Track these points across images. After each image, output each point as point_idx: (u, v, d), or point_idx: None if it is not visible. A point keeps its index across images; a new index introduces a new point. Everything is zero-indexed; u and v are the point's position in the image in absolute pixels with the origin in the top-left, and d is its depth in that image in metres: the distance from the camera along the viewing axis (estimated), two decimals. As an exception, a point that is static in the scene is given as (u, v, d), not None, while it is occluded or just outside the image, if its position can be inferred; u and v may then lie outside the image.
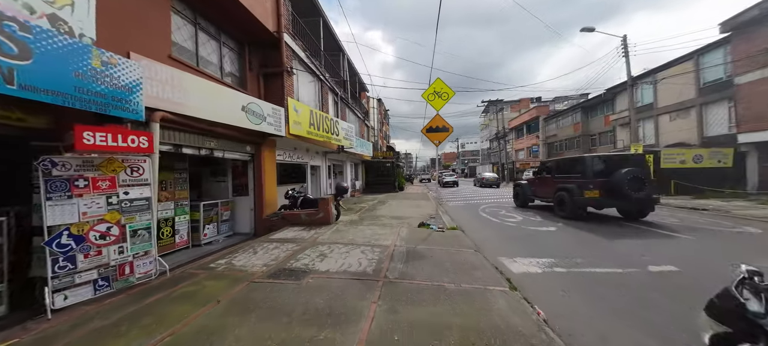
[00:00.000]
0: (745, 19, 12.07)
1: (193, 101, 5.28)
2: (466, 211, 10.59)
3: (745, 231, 6.39)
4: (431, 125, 6.77)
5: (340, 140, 10.65)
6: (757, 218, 7.63)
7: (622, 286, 3.69)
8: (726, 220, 7.62)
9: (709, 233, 6.19)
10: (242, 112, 6.40)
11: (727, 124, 13.98)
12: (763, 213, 8.23)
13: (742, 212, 8.59)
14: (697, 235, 6.04)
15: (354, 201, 13.81)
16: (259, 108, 6.82)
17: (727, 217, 7.95)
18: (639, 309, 3.11)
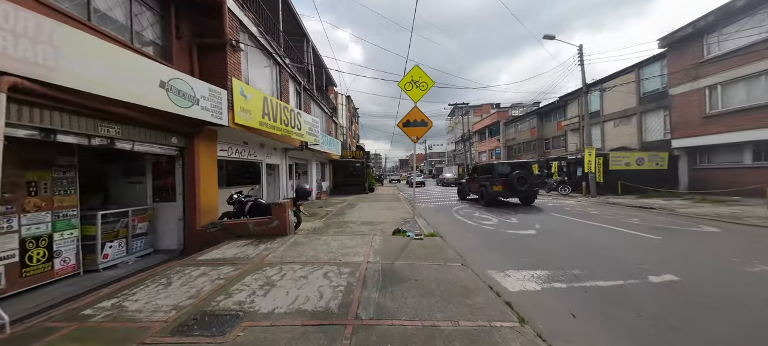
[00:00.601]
0: (680, 35, 13.46)
1: (75, 67, 3.60)
2: (440, 213, 9.93)
3: (705, 230, 6.57)
4: (408, 119, 5.84)
5: (302, 136, 9.22)
6: (704, 215, 8.12)
7: (630, 301, 3.12)
8: (680, 219, 7.97)
9: (675, 233, 6.21)
10: (162, 89, 4.76)
11: (663, 130, 15.60)
12: (705, 211, 8.86)
13: (686, 210, 9.21)
14: (666, 235, 6.00)
15: (320, 204, 12.37)
16: (189, 87, 5.21)
17: (677, 216, 8.36)
18: (667, 333, 2.49)
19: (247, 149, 8.26)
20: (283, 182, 10.57)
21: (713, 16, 12.08)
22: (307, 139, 9.66)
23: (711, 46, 12.56)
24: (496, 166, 11.35)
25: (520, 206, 11.02)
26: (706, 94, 12.77)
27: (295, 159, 12.16)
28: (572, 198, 14.00)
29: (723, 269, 3.97)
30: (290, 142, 9.34)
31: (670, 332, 2.56)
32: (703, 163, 13.55)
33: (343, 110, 23.65)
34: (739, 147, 11.96)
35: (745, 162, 11.85)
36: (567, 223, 7.37)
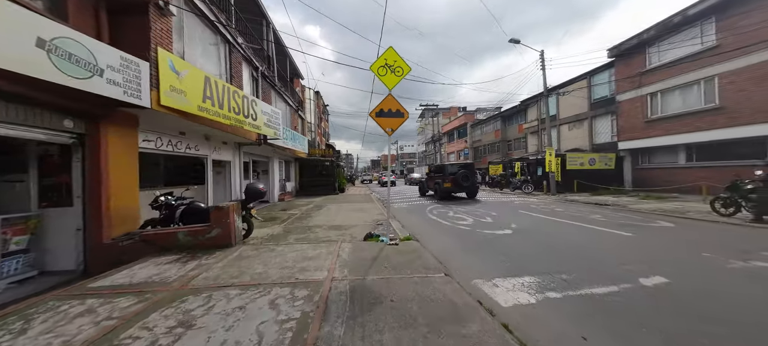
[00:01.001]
0: (626, 47, 14.74)
1: None
2: (414, 214, 9.34)
3: (662, 225, 6.83)
4: (382, 108, 5.06)
5: (259, 128, 7.94)
6: (653, 211, 8.63)
7: (633, 312, 2.74)
8: (634, 215, 8.32)
9: (640, 229, 6.32)
10: (41, 50, 3.37)
11: (611, 133, 17.05)
12: (652, 207, 9.49)
13: (636, 206, 9.82)
14: (633, 232, 6.05)
15: (282, 206, 11.04)
16: (87, 52, 3.83)
17: (631, 212, 8.79)
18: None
19: (186, 141, 6.79)
20: (236, 181, 9.10)
21: (654, 29, 13.34)
22: (266, 133, 8.38)
23: (652, 57, 13.89)
24: (446, 166, 13.55)
25: (492, 206, 10.94)
26: (648, 101, 14.09)
27: (252, 156, 10.67)
28: (535, 196, 14.50)
29: (704, 268, 3.84)
30: (244, 135, 8.00)
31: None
32: (645, 163, 14.96)
33: (312, 106, 22.17)
34: (675, 149, 13.33)
35: (679, 162, 13.24)
36: (538, 221, 7.21)
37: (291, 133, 12.30)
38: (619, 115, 15.58)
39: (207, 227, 4.64)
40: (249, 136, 8.26)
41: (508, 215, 8.13)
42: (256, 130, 7.88)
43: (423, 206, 11.02)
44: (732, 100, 10.94)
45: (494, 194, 16.51)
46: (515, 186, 16.95)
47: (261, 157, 11.90)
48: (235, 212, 4.86)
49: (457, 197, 13.45)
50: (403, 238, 5.31)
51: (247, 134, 8.13)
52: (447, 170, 12.98)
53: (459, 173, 12.36)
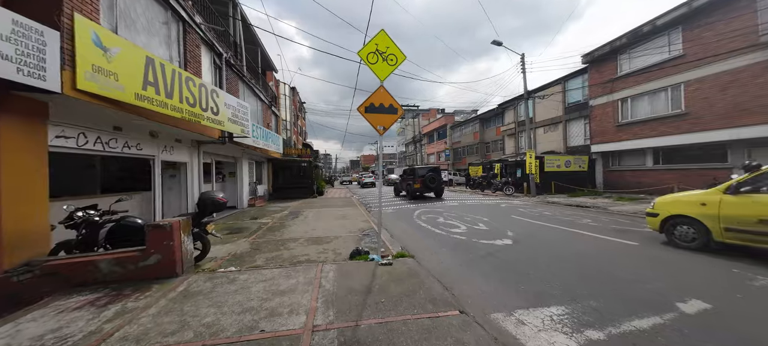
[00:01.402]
0: (599, 53, 15.37)
1: None
2: (401, 220, 8.65)
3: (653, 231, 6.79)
4: (373, 102, 4.27)
5: (222, 123, 6.74)
6: (634, 213, 8.80)
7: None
8: (620, 218, 8.39)
9: (638, 236, 6.11)
10: None
11: (584, 137, 17.80)
12: (632, 209, 9.74)
13: (616, 208, 10.04)
14: (635, 239, 5.87)
15: (253, 214, 9.78)
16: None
17: (615, 214, 8.89)
18: None
19: (124, 139, 5.45)
20: (195, 186, 7.76)
21: (625, 37, 13.97)
22: (230, 130, 7.18)
23: (623, 65, 14.56)
24: (417, 169, 14.96)
25: (480, 209, 10.62)
26: (619, 106, 14.76)
27: (215, 156, 9.30)
28: (517, 198, 14.58)
29: (734, 285, 3.52)
30: (203, 131, 6.75)
31: None
32: (615, 165, 15.70)
33: (287, 103, 20.66)
34: (643, 152, 14.07)
35: (647, 165, 13.99)
36: (533, 228, 6.85)
37: (263, 131, 11.03)
38: (592, 120, 16.23)
39: (141, 253, 3.52)
40: (210, 133, 7.01)
41: (500, 221, 7.72)
42: (218, 127, 6.68)
43: (409, 211, 10.38)
44: (696, 107, 11.66)
45: (477, 196, 16.41)
46: (497, 187, 17.02)
47: (227, 157, 10.50)
48: (183, 230, 3.78)
49: (442, 198, 14.70)
50: (396, 254, 4.57)
51: (207, 131, 6.89)
52: (417, 173, 14.48)
53: (427, 175, 14.11)
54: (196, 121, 5.85)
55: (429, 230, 6.84)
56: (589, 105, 16.28)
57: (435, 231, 6.72)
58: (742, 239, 4.13)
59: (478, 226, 7.13)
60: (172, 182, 7.75)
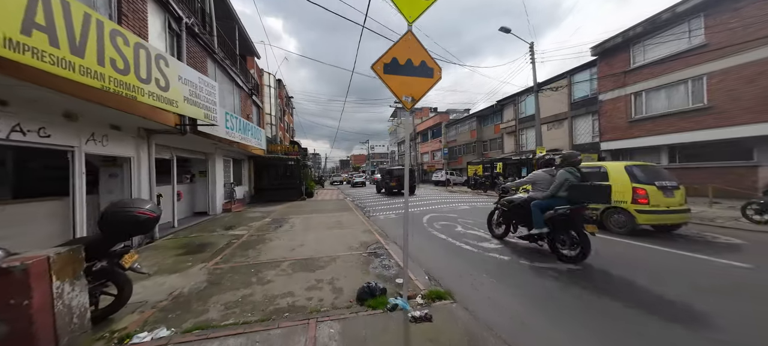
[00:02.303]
0: (610, 45, 14.45)
1: None
2: (411, 229, 7.11)
3: (731, 242, 5.59)
4: (396, 57, 2.70)
5: (174, 103, 4.94)
6: None
7: None
8: None
9: (732, 252, 4.91)
10: None
11: (591, 134, 16.90)
12: None
13: None
14: (736, 257, 4.59)
15: (227, 221, 7.95)
16: None
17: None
18: None
19: (13, 119, 3.60)
20: (142, 190, 5.88)
21: (641, 27, 13.04)
22: (188, 113, 5.38)
23: (636, 56, 13.66)
24: (393, 170, 17.74)
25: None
26: (632, 101, 13.86)
27: (176, 151, 7.42)
28: (529, 199, 13.38)
29: None
30: (150, 115, 4.93)
31: None
32: (627, 163, 14.81)
33: (272, 95, 18.66)
34: (657, 150, 13.20)
35: (662, 163, 13.12)
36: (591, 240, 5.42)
37: (241, 123, 9.20)
38: (602, 115, 15.31)
39: (-47, 328, 1.78)
40: (160, 118, 5.19)
41: None
42: (169, 109, 4.88)
43: (416, 217, 8.84)
44: (720, 100, 10.80)
45: (481, 197, 15.11)
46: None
47: (194, 153, 8.60)
48: (60, 272, 2.06)
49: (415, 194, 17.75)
50: (428, 292, 3.01)
51: (158, 115, 5.07)
52: (393, 173, 17.30)
53: (402, 175, 16.65)
54: (130, 96, 4.06)
55: (451, 244, 5.31)
56: (599, 100, 15.36)
57: (459, 245, 5.20)
58: None
59: (508, 237, 5.67)
60: (112, 183, 5.86)
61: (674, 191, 5.74)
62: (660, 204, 5.49)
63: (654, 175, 5.89)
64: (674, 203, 5.63)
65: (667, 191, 5.66)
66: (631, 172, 5.83)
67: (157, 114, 5.09)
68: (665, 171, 6.46)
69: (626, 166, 5.93)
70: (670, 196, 5.65)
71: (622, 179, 5.78)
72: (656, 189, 5.57)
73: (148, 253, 5.06)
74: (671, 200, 5.63)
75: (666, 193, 5.63)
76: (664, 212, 5.47)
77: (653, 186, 5.58)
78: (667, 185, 5.75)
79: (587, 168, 6.03)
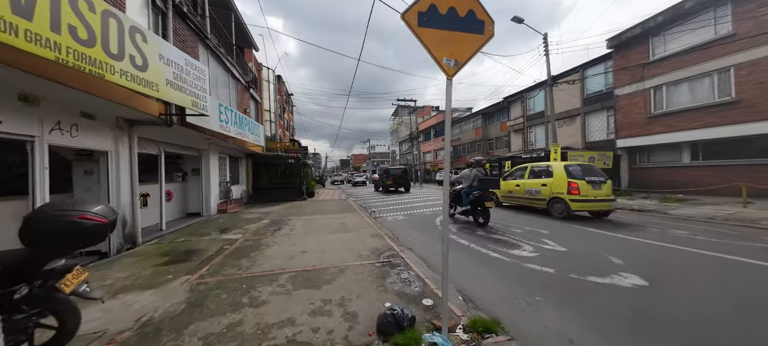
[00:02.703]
0: (628, 36, 13.73)
1: None
2: (426, 234, 6.40)
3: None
4: (434, 3, 2.00)
5: (154, 86, 4.23)
6: (709, 219, 6.95)
7: None
8: (709, 226, 6.54)
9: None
10: None
11: (606, 130, 16.18)
12: (693, 212, 7.99)
13: (676, 211, 8.25)
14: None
15: (221, 223, 7.25)
16: None
17: (693, 221, 7.01)
18: None
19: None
20: (121, 189, 5.17)
21: (662, 16, 12.33)
22: (170, 98, 4.66)
23: (656, 48, 12.95)
24: (390, 169, 19.22)
25: (523, 217, 8.52)
26: (651, 95, 13.15)
27: (164, 145, 6.71)
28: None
29: None
30: (125, 100, 4.23)
31: None
32: (643, 162, 14.11)
33: (271, 91, 17.96)
34: (677, 147, 12.50)
35: (682, 161, 12.42)
36: (636, 248, 4.70)
37: (237, 117, 8.50)
38: (618, 111, 14.59)
39: None
40: (139, 104, 4.49)
41: (571, 236, 5.57)
42: (145, 91, 4.17)
43: (427, 219, 8.13)
44: (750, 94, 10.08)
45: None
46: (513, 187, 15.06)
47: (186, 149, 7.90)
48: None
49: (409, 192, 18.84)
50: (471, 321, 2.30)
51: (136, 101, 4.37)
52: (390, 172, 18.71)
53: (397, 174, 18.47)
54: (97, 73, 3.35)
55: (477, 252, 4.60)
56: (614, 95, 14.64)
57: (487, 253, 4.48)
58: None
59: (548, 244, 4.91)
60: (88, 180, 5.16)
61: (601, 185, 7.01)
62: (589, 195, 6.81)
63: (586, 172, 7.13)
64: (601, 194, 6.93)
65: (595, 184, 6.94)
66: (568, 170, 7.14)
67: (135, 100, 4.39)
68: (596, 168, 7.63)
69: (565, 166, 7.29)
70: (597, 188, 6.93)
71: (562, 176, 7.11)
72: (586, 183, 6.86)
73: (126, 261, 4.36)
74: (598, 191, 6.92)
75: (594, 186, 6.92)
76: (592, 201, 6.80)
77: (584, 181, 6.87)
78: (595, 179, 7.01)
79: (539, 168, 8.11)
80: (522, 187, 8.48)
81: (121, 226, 5.13)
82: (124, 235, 5.14)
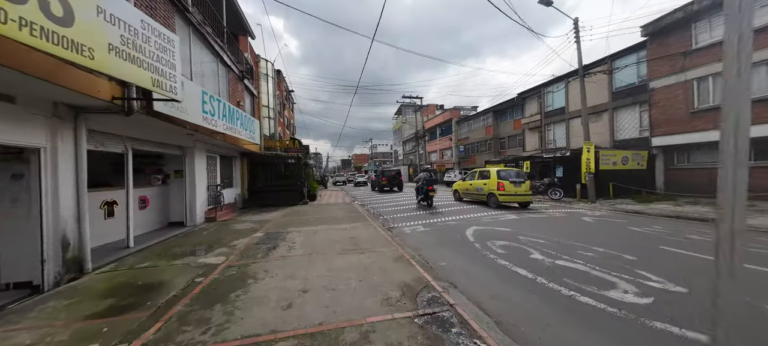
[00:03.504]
0: (667, 22, 12.34)
1: None
2: (453, 249, 5.08)
3: None
4: None
5: (93, 56, 2.92)
6: None
7: None
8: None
9: None
10: None
11: (638, 127, 14.75)
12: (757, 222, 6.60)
13: None
14: None
15: (205, 238, 5.94)
16: None
17: None
18: None
19: None
20: (64, 197, 3.86)
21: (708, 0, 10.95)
22: (116, 71, 3.33)
23: (700, 35, 11.55)
24: (385, 171, 21.57)
25: (560, 224, 7.18)
26: (694, 87, 11.76)
27: (133, 141, 5.37)
28: (570, 204, 11.31)
29: None
30: (59, 78, 2.92)
31: None
32: (682, 162, 12.71)
33: (270, 85, 16.64)
34: (724, 145, 11.10)
35: (730, 161, 11.02)
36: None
37: (227, 109, 7.19)
38: (653, 106, 13.17)
39: None
40: (75, 81, 3.17)
41: (659, 258, 4.23)
42: (71, 58, 2.84)
43: (452, 230, 6.78)
44: (824, 84, 8.72)
45: None
46: (536, 190, 13.72)
47: (164, 147, 6.57)
48: None
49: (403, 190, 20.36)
50: None
51: (63, 75, 3.05)
52: (385, 173, 20.93)
53: (391, 176, 20.52)
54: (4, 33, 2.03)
55: (554, 293, 3.23)
56: (650, 88, 13.21)
57: (571, 296, 3.13)
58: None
59: (648, 278, 3.57)
60: (16, 188, 3.84)
61: (521, 184, 10.05)
62: (511, 191, 9.91)
63: (510, 175, 10.35)
64: (520, 190, 9.96)
65: (516, 184, 10.03)
66: (499, 173, 10.37)
67: (66, 74, 3.07)
68: (518, 172, 11.08)
69: (497, 171, 10.57)
70: (518, 186, 9.98)
71: (495, 178, 10.27)
72: (510, 182, 10.00)
73: (54, 305, 3.05)
74: (519, 189, 9.95)
75: (516, 185, 10.00)
76: (513, 195, 9.94)
77: (508, 181, 10.04)
78: (516, 180, 10.17)
79: (482, 172, 11.30)
80: (473, 186, 11.59)
81: (61, 247, 3.82)
82: (64, 260, 3.83)
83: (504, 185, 9.92)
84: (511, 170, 11.19)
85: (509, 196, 9.90)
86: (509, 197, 9.90)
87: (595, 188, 12.00)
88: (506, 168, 12.97)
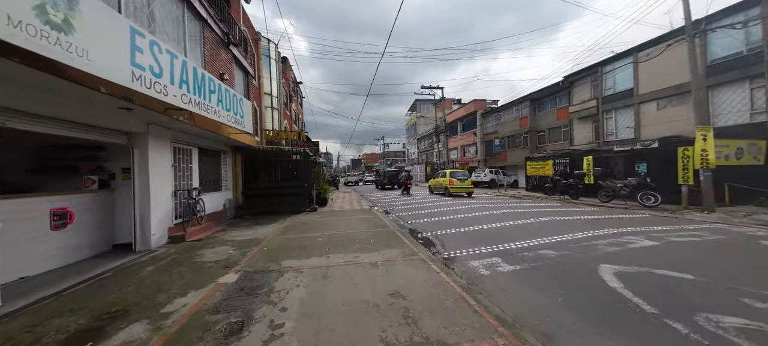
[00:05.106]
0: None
1: None
2: (611, 332, 2.32)
3: None
4: None
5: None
6: None
7: None
8: None
9: None
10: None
11: (749, 110, 11.22)
12: None
13: None
14: None
15: (144, 279, 3.45)
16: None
17: None
18: None
19: None
20: None
21: None
22: None
23: None
24: (387, 171, 26.37)
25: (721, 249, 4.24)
26: None
27: (12, 115, 2.93)
28: (674, 212, 8.17)
29: None
30: None
31: None
32: (819, 155, 9.31)
33: (274, 70, 14.27)
34: None
35: None
36: None
37: (194, 74, 4.71)
38: (775, 80, 9.79)
39: None
40: None
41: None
42: None
43: (566, 264, 3.98)
44: None
45: (576, 207, 9.70)
46: (611, 193, 10.53)
47: (94, 132, 4.14)
48: None
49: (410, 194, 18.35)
50: None
51: None
52: (387, 173, 24.90)
53: (391, 175, 24.56)
54: None
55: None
56: (768, 57, 9.90)
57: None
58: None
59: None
60: None
61: (465, 181, 15.75)
62: (458, 185, 15.36)
63: (458, 175, 16.04)
64: (464, 184, 15.51)
65: (461, 180, 15.62)
66: (453, 174, 15.92)
67: None
68: (463, 172, 17.31)
69: (451, 172, 16.11)
70: (462, 182, 15.56)
71: (448, 177, 15.77)
72: (457, 179, 15.60)
73: None
74: (463, 183, 15.51)
75: (461, 181, 15.61)
76: (459, 188, 15.33)
77: (455, 179, 15.64)
78: (461, 178, 15.85)
79: (444, 172, 17.18)
80: (441, 183, 16.57)
81: None
82: None
83: (453, 181, 15.60)
84: (456, 171, 16.73)
85: (456, 188, 15.39)
86: (456, 189, 15.35)
87: (696, 189, 8.77)
88: (455, 169, 19.37)
